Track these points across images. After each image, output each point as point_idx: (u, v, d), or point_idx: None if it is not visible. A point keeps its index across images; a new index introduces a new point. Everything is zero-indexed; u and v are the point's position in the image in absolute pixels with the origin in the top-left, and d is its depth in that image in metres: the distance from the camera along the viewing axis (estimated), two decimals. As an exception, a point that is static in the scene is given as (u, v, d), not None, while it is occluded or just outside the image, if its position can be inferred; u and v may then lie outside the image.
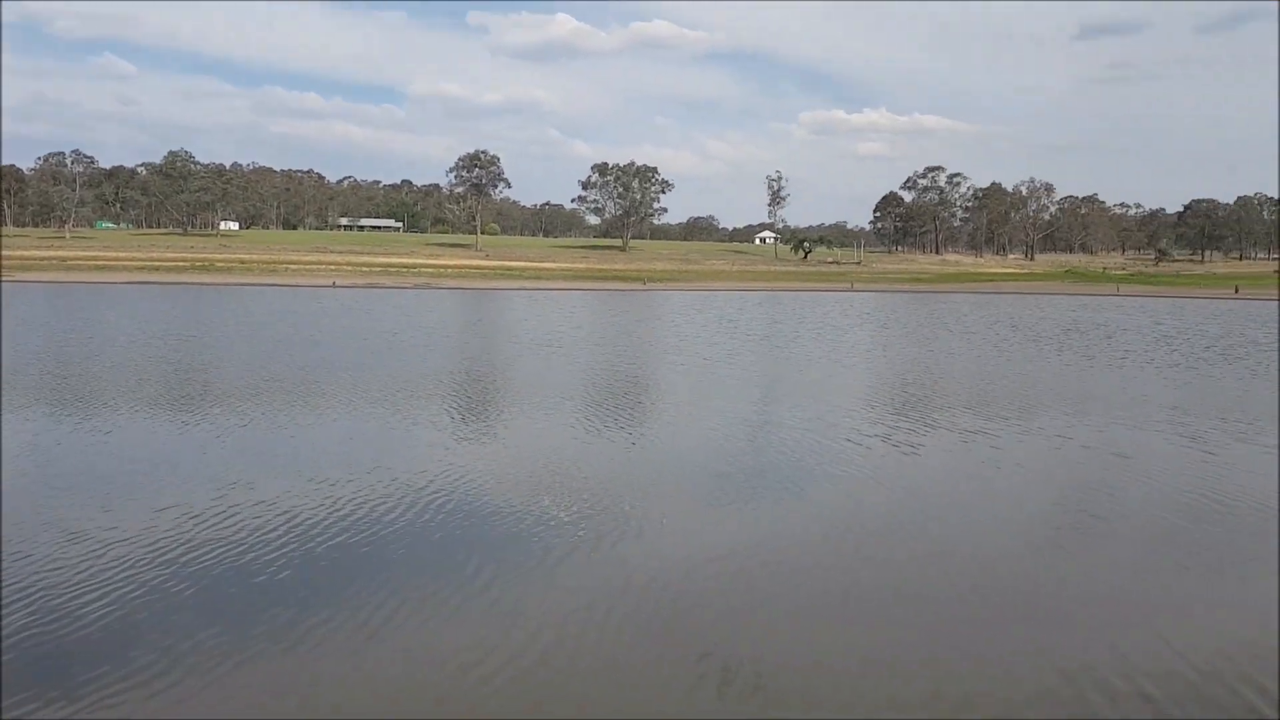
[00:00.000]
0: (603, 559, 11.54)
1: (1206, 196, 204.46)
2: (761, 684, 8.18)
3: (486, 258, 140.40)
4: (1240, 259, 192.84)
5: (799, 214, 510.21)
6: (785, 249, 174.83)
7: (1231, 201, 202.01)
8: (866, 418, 22.05)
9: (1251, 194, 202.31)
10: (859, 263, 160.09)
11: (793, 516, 13.76)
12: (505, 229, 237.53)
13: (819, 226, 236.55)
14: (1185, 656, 8.78)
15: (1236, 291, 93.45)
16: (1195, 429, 20.55)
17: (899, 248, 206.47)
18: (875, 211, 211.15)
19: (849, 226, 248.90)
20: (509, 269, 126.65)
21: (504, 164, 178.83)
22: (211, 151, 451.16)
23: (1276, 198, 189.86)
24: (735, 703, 7.90)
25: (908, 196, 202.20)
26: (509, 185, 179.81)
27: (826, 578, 11.00)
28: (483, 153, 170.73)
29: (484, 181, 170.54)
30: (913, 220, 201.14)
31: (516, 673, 8.38)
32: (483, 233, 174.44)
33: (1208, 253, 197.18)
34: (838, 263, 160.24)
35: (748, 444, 18.96)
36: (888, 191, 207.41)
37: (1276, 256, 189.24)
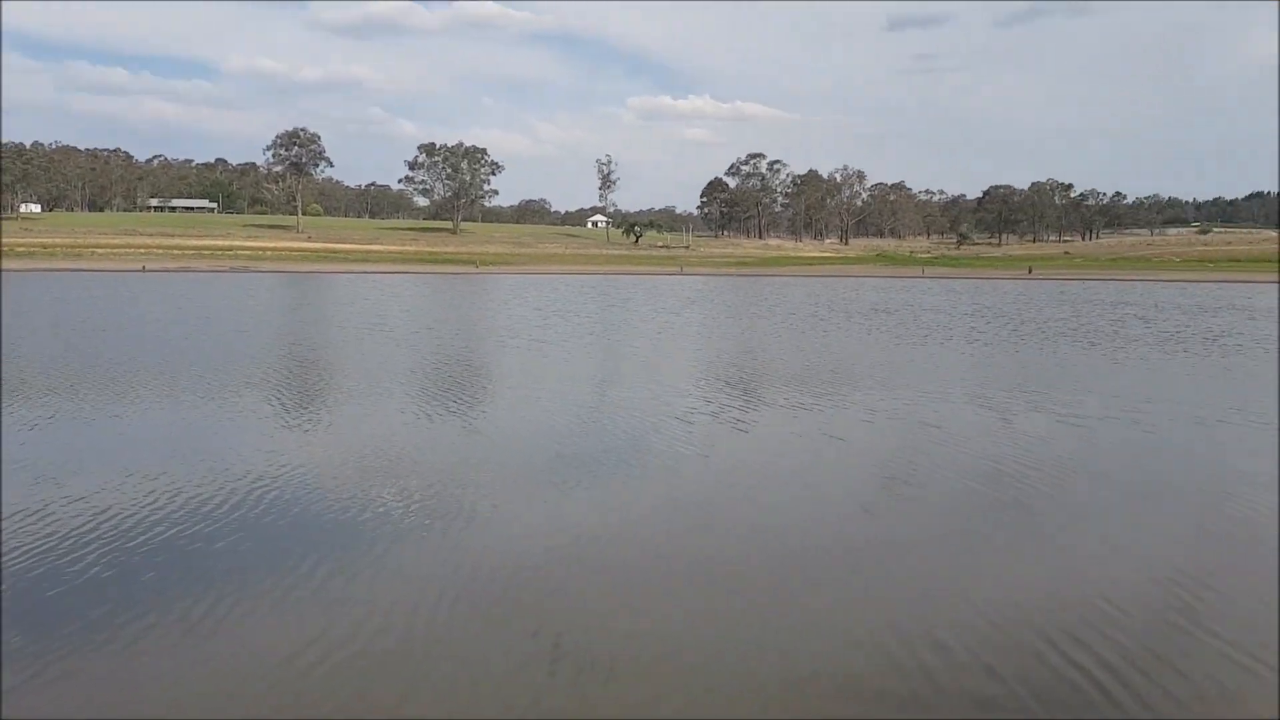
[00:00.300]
0: (441, 545, 11.42)
1: (1003, 183, 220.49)
2: (601, 662, 8.31)
3: (309, 240, 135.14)
4: (1034, 241, 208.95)
5: (630, 198, 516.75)
6: (617, 233, 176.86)
7: (1026, 188, 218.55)
8: (699, 396, 22.74)
9: (1044, 180, 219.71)
10: (688, 247, 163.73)
11: (630, 495, 14.04)
12: (329, 210, 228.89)
13: (649, 211, 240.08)
14: (991, 613, 9.44)
15: (1030, 272, 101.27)
16: (994, 399, 22.22)
17: (725, 232, 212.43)
18: (702, 197, 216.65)
19: (678, 211, 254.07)
20: (333, 251, 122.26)
21: (325, 142, 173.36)
22: (10, 130, 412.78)
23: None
24: (574, 682, 7.98)
25: (732, 182, 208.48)
26: (331, 164, 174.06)
27: (665, 553, 11.27)
28: (302, 130, 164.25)
29: (304, 160, 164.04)
30: (737, 206, 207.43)
31: (355, 664, 8.22)
32: (304, 214, 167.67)
33: (1004, 236, 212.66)
34: (667, 247, 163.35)
35: (584, 425, 19.21)
36: (713, 177, 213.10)
37: (1066, 239, 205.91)
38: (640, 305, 57.28)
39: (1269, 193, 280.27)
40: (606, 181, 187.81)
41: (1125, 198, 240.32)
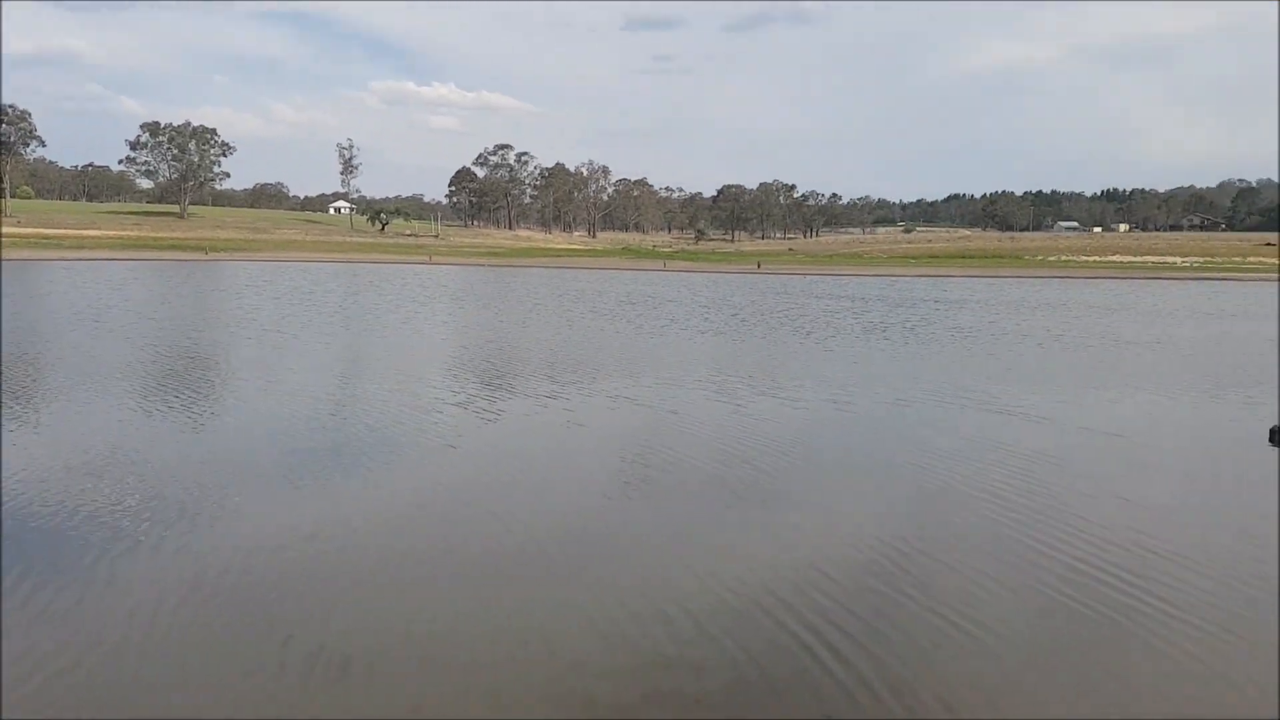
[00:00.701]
0: (171, 551, 10.91)
1: (736, 182, 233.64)
2: (358, 664, 8.32)
3: (18, 224, 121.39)
4: (763, 238, 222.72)
5: (376, 184, 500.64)
6: (361, 220, 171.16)
7: (755, 188, 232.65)
8: (448, 388, 22.75)
9: (771, 181, 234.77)
10: (436, 236, 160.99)
11: (377, 490, 13.94)
12: (40, 193, 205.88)
13: (396, 198, 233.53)
14: (728, 586, 10.20)
15: (759, 267, 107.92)
16: (726, 385, 23.76)
17: (475, 222, 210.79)
18: (450, 185, 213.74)
19: (426, 199, 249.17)
20: (45, 237, 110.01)
21: (37, 120, 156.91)
22: None
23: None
24: (332, 686, 7.95)
25: (480, 172, 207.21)
26: (43, 144, 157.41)
27: (415, 548, 11.34)
28: (10, 107, 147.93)
29: (13, 139, 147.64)
30: (486, 196, 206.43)
31: (75, 682, 7.79)
32: (13, 197, 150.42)
33: (737, 232, 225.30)
34: (415, 235, 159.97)
35: (328, 419, 18.71)
36: (461, 166, 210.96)
37: (790, 236, 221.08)
38: (387, 294, 55.86)
39: (964, 195, 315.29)
40: (348, 166, 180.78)
41: (841, 199, 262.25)
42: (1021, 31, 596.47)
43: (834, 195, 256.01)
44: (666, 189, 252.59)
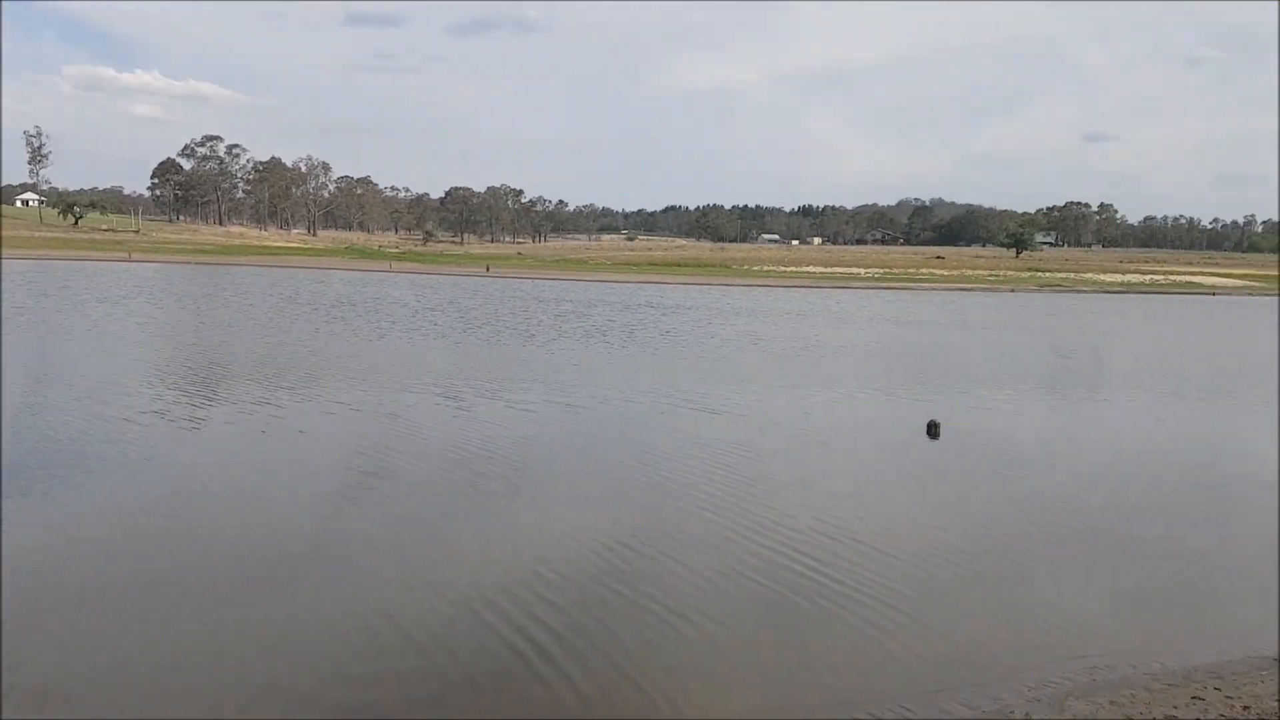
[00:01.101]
0: None
1: (464, 185, 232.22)
2: (47, 693, 7.94)
3: None
4: (492, 241, 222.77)
5: (69, 176, 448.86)
6: (52, 214, 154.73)
7: (483, 191, 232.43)
8: (145, 395, 21.28)
9: (499, 185, 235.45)
10: (137, 231, 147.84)
11: (67, 510, 12.94)
12: None
13: (92, 190, 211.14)
14: (451, 593, 10.33)
15: (488, 270, 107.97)
16: (452, 389, 23.81)
17: (181, 217, 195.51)
18: (153, 178, 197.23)
19: (126, 192, 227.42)
20: None
21: None
22: None
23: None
24: (17, 716, 7.56)
25: (187, 164, 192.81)
26: None
27: (115, 569, 10.81)
28: None
29: None
30: (194, 189, 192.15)
31: None
32: None
33: (466, 235, 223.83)
34: (113, 231, 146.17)
35: (8, 433, 16.97)
36: (166, 158, 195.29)
37: (520, 240, 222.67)
38: (78, 295, 50.73)
39: (680, 206, 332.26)
40: (37, 155, 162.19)
41: (568, 205, 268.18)
42: (728, 55, 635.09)
43: (561, 202, 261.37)
44: (393, 188, 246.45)
